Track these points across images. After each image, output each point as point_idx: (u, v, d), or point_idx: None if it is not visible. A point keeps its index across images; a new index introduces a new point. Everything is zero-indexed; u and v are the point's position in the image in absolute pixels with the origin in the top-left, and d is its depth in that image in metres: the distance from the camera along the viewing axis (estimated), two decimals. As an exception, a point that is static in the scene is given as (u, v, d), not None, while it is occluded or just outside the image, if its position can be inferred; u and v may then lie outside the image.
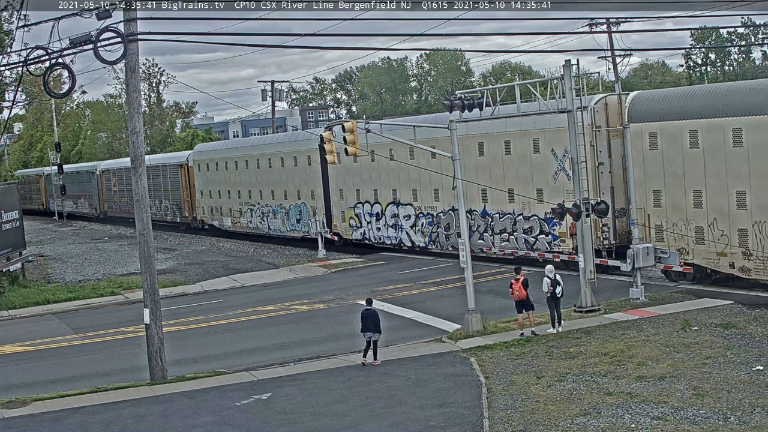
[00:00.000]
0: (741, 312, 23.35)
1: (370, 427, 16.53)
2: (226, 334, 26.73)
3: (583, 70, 26.60)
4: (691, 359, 19.08)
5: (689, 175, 26.65)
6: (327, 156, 25.63)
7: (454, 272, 31.03)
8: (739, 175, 25.11)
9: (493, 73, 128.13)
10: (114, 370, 23.20)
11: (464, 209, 25.01)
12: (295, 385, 19.75)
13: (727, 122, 25.34)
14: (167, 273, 39.71)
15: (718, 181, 25.75)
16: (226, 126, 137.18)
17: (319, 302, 30.49)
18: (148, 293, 21.41)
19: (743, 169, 24.97)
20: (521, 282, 22.54)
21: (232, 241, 52.30)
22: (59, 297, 34.99)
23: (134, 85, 21.18)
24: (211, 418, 17.77)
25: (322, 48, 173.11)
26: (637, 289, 25.95)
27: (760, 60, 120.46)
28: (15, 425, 18.30)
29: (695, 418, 15.37)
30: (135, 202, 21.68)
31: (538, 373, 19.08)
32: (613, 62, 61.30)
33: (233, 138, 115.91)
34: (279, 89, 77.98)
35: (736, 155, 25.11)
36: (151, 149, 79.47)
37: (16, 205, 40.00)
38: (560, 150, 30.60)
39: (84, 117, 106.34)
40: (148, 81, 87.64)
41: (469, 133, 32.88)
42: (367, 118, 27.75)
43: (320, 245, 42.17)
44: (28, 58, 21.31)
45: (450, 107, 25.96)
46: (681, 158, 26.89)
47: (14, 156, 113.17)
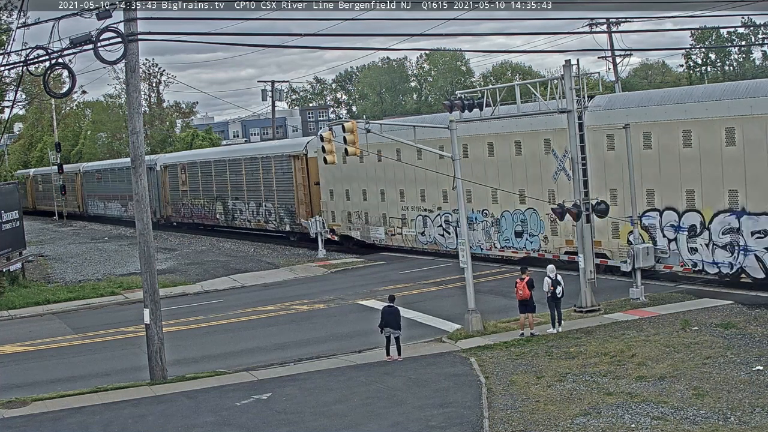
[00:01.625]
0: (741, 312, 23.34)
1: (370, 427, 16.52)
2: (226, 334, 26.73)
3: (583, 70, 26.62)
4: (691, 359, 19.08)
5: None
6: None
7: (455, 272, 31.02)
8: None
9: (493, 73, 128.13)
10: (114, 370, 23.20)
11: (464, 209, 25.00)
12: (295, 385, 19.75)
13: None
14: (167, 273, 39.71)
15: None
16: (226, 126, 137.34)
17: (319, 302, 30.49)
18: (148, 293, 21.41)
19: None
20: (526, 282, 22.55)
21: (231, 241, 52.28)
22: (59, 297, 34.99)
23: (134, 85, 21.18)
24: (211, 418, 17.77)
25: (322, 48, 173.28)
26: (637, 289, 25.95)
27: (760, 60, 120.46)
28: (15, 425, 18.29)
29: (695, 418, 15.37)
30: (135, 202, 21.69)
31: (538, 373, 19.08)
32: (613, 62, 61.35)
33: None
34: (279, 89, 78.06)
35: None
36: (151, 149, 79.49)
37: (16, 205, 40.03)
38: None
39: (84, 117, 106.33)
40: (148, 81, 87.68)
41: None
42: (367, 118, 27.71)
43: (320, 245, 42.15)
44: (28, 58, 21.32)
45: (450, 107, 25.96)
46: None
47: (14, 156, 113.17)
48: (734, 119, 25.30)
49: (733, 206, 25.49)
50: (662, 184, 27.53)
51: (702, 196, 26.38)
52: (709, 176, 26.09)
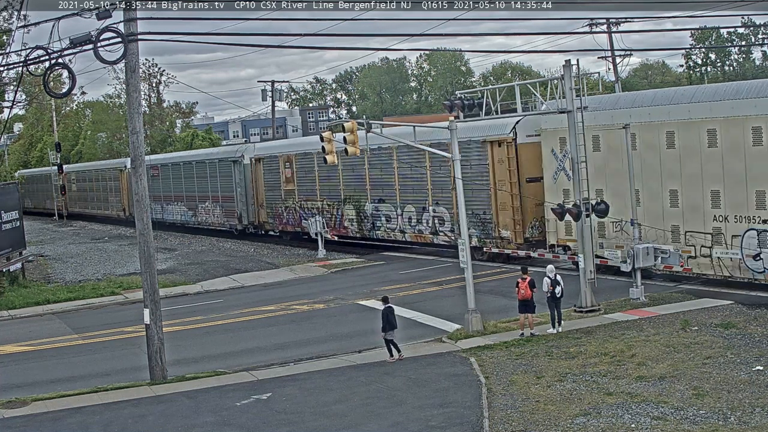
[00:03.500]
0: (741, 312, 23.35)
1: (370, 427, 16.52)
2: (226, 334, 26.73)
3: (583, 70, 26.59)
4: (691, 359, 19.08)
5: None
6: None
7: (455, 272, 31.02)
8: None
9: (493, 74, 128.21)
10: (114, 370, 23.20)
11: (464, 209, 24.99)
12: (295, 385, 19.75)
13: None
14: (167, 273, 39.70)
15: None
16: (227, 126, 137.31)
17: (319, 302, 30.49)
18: (148, 293, 21.41)
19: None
20: (527, 282, 22.56)
21: (231, 241, 52.21)
22: (59, 297, 34.97)
23: (134, 85, 21.18)
24: (211, 418, 17.77)
25: (322, 48, 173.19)
26: (637, 289, 25.94)
27: (760, 60, 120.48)
28: (15, 425, 18.30)
29: (695, 418, 15.37)
30: (135, 203, 21.69)
31: (538, 373, 19.08)
32: (613, 62, 61.39)
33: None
34: (279, 89, 78.08)
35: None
36: (151, 149, 79.37)
37: (16, 205, 40.04)
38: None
39: (84, 117, 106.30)
40: (148, 81, 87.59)
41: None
42: (367, 118, 27.69)
43: (320, 245, 42.14)
44: (28, 58, 21.34)
45: (450, 107, 25.98)
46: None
47: (14, 156, 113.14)
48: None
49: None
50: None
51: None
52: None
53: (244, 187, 49.76)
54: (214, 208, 53.34)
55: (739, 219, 25.67)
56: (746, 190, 25.35)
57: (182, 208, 56.92)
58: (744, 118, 25.21)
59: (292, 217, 46.39)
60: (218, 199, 52.62)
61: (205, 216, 54.54)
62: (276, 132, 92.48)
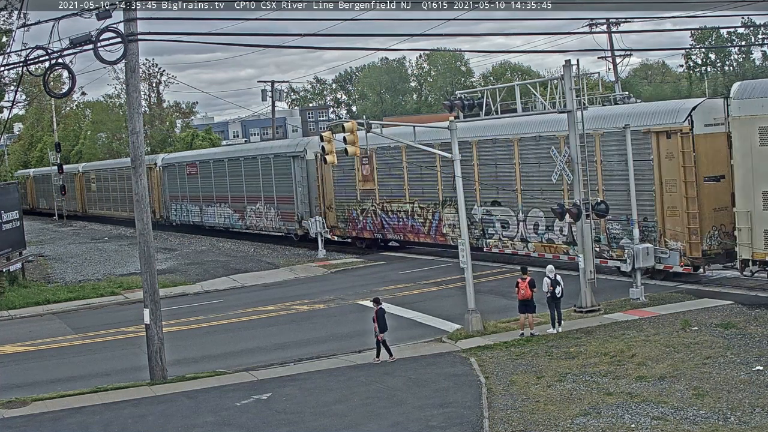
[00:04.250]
0: (741, 312, 23.34)
1: (370, 427, 16.53)
2: (226, 334, 26.73)
3: (583, 70, 26.59)
4: (691, 359, 19.09)
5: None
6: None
7: (455, 272, 31.03)
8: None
9: (493, 74, 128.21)
10: (114, 370, 23.20)
11: (463, 209, 24.99)
12: (295, 385, 19.75)
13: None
14: (167, 273, 39.70)
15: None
16: (227, 126, 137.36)
17: (319, 302, 30.49)
18: (148, 293, 21.41)
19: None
20: (528, 282, 22.56)
21: (231, 241, 52.20)
22: (59, 297, 34.98)
23: (134, 85, 21.19)
24: (211, 418, 17.78)
25: (322, 48, 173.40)
26: (637, 289, 25.95)
27: (760, 60, 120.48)
28: (15, 425, 18.30)
29: (695, 418, 15.37)
30: (135, 202, 21.69)
31: (538, 373, 19.08)
32: (613, 62, 61.37)
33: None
34: (279, 89, 78.05)
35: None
36: (151, 149, 79.38)
37: (16, 205, 40.05)
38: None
39: (84, 117, 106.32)
40: (148, 81, 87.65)
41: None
42: (367, 118, 27.69)
43: (320, 245, 42.09)
44: (28, 58, 21.33)
45: (450, 107, 25.98)
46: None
47: (14, 156, 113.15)
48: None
49: None
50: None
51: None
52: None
53: (306, 186, 43.35)
54: (267, 211, 46.29)
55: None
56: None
57: (227, 211, 50.26)
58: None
59: (373, 222, 40.34)
60: (273, 200, 45.58)
61: (255, 219, 47.73)
62: (276, 132, 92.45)
